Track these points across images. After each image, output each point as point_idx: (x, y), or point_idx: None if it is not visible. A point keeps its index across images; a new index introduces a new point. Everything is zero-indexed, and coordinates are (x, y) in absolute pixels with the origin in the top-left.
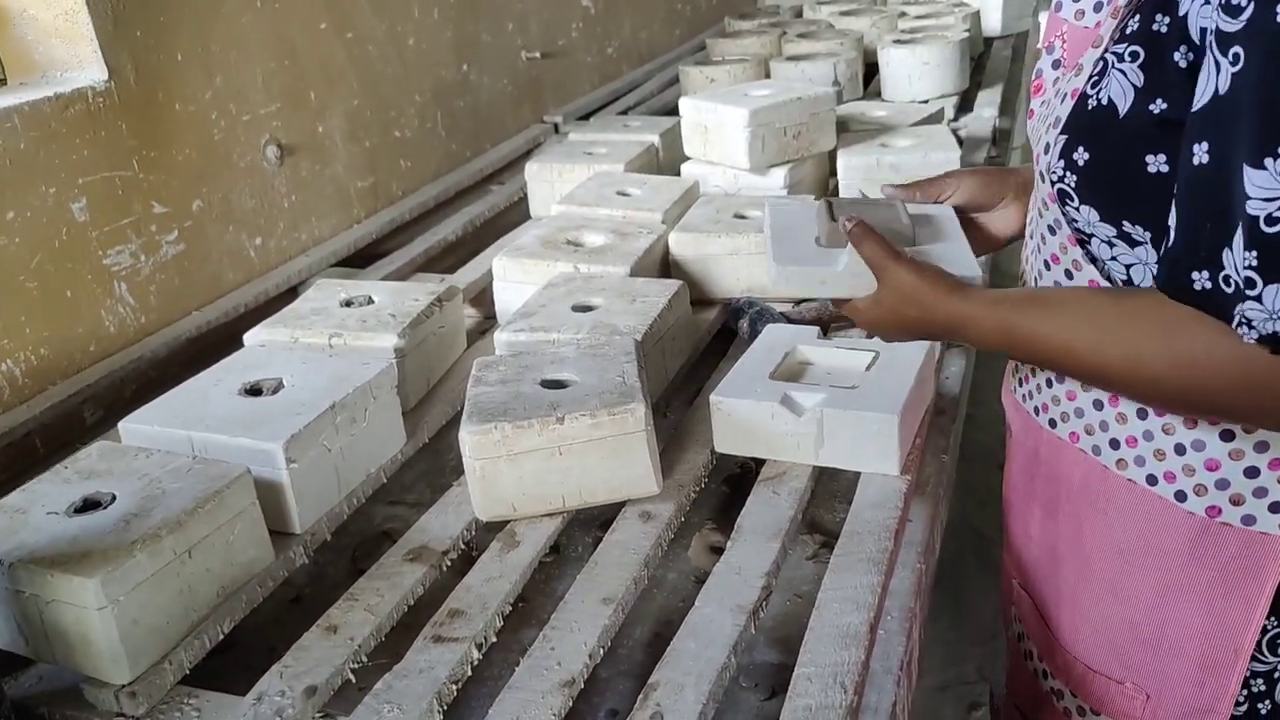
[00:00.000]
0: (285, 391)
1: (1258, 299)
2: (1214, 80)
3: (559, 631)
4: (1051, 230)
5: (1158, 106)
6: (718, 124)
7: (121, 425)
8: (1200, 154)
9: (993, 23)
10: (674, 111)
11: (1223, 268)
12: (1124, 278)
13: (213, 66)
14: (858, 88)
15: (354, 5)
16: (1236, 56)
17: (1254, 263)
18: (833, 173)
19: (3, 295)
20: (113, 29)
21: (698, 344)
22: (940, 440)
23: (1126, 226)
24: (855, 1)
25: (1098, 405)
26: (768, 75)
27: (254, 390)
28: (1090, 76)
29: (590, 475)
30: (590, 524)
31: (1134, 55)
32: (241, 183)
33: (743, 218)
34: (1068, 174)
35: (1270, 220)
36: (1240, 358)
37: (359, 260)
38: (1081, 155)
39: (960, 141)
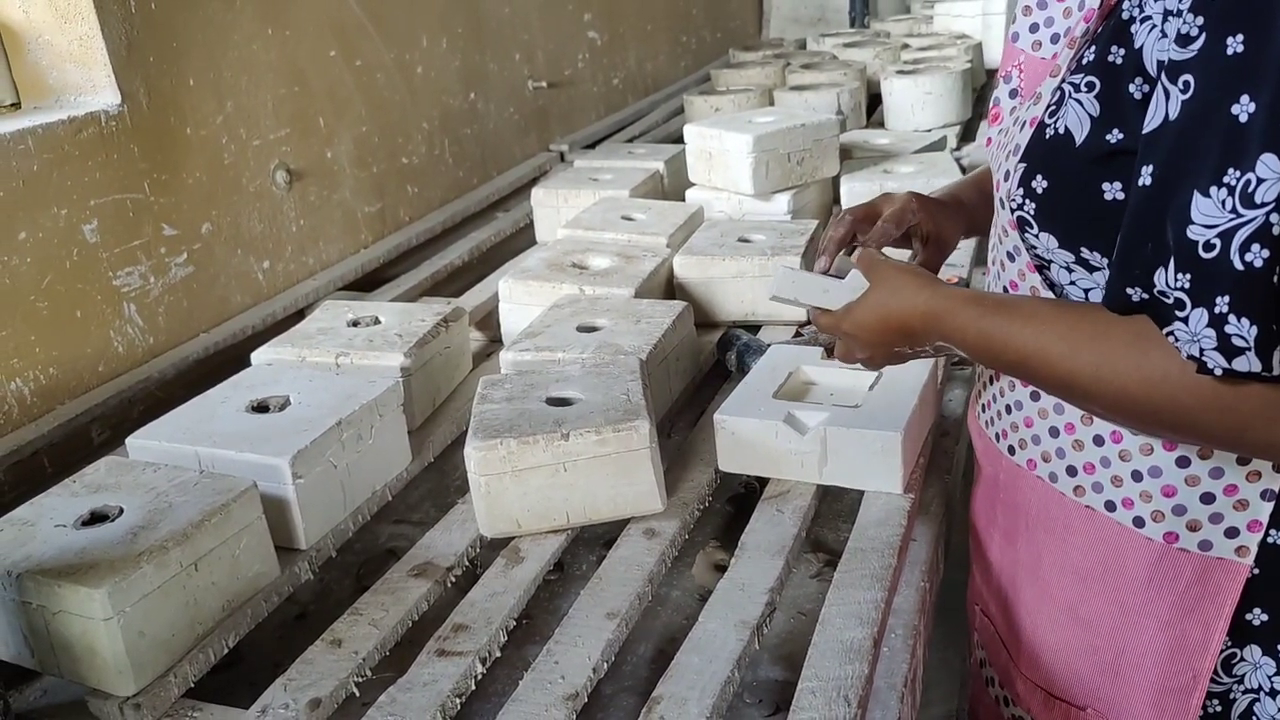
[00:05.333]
0: (292, 409)
1: (1185, 320)
2: (1164, 106)
3: (562, 645)
4: (1011, 257)
5: (1114, 136)
6: (722, 150)
7: (129, 441)
8: (1146, 176)
9: (994, 55)
10: (679, 140)
11: (1155, 286)
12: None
13: (224, 92)
14: (861, 117)
15: (363, 34)
16: (1187, 85)
17: (1186, 285)
18: (836, 199)
19: (13, 315)
20: (126, 54)
21: (702, 365)
22: (944, 461)
23: (1085, 253)
24: (859, 34)
25: (1054, 432)
26: (772, 104)
27: (261, 407)
28: (1048, 105)
29: (594, 492)
30: (594, 541)
31: (1090, 86)
32: (250, 206)
33: (746, 241)
34: (1027, 201)
35: (1208, 246)
36: (1213, 378)
37: (366, 284)
38: (1040, 183)
39: (963, 169)
